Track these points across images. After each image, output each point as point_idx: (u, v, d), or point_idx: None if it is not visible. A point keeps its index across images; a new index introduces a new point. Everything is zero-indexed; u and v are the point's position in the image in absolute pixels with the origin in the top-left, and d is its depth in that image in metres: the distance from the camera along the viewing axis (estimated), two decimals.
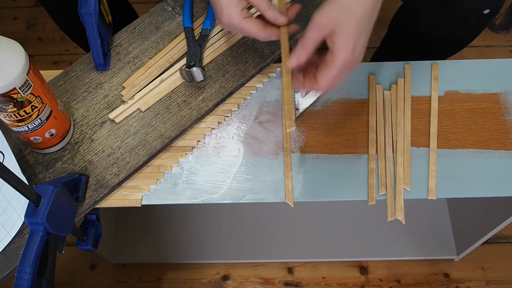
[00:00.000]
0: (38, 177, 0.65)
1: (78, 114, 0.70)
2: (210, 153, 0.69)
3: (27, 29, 1.53)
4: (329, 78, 0.54)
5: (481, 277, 1.13)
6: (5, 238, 0.60)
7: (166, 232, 1.16)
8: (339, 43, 0.53)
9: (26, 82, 0.55)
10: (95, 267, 1.16)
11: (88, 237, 0.66)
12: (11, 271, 0.59)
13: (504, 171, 0.66)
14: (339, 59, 0.53)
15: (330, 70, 0.54)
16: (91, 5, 0.67)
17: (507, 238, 1.17)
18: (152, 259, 1.14)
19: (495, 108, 0.71)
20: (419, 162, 0.68)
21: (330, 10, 0.53)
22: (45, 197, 0.52)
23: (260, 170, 0.67)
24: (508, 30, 1.47)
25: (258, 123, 0.71)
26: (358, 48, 0.53)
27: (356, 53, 0.54)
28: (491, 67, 0.75)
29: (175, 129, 0.68)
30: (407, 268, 1.14)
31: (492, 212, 0.91)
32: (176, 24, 0.77)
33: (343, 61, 0.53)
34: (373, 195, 0.65)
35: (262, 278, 1.14)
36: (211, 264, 1.15)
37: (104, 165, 0.66)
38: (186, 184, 0.66)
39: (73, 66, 0.74)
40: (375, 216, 1.13)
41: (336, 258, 1.13)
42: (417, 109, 0.71)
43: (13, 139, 0.68)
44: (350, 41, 0.53)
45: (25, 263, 0.50)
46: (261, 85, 0.74)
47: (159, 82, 0.72)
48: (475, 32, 0.85)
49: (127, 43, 0.76)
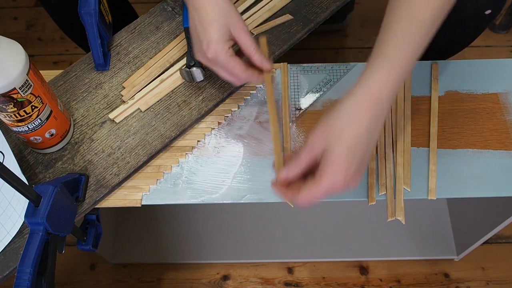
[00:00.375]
0: (38, 177, 0.65)
1: (78, 114, 0.70)
2: (210, 153, 0.69)
3: (27, 29, 1.53)
4: (310, 197, 0.52)
5: (481, 277, 1.12)
6: (5, 238, 0.60)
7: (166, 232, 1.16)
8: (328, 168, 0.51)
9: (26, 82, 0.55)
10: (95, 267, 1.16)
11: (88, 237, 0.66)
12: (11, 271, 0.59)
13: (504, 171, 0.66)
14: (324, 184, 0.50)
15: (314, 190, 0.51)
16: (91, 5, 0.67)
17: (507, 238, 1.17)
18: (152, 259, 1.14)
19: (495, 108, 0.71)
20: (419, 162, 0.68)
21: (322, 131, 0.52)
22: (45, 197, 0.52)
23: (260, 170, 0.67)
24: (508, 30, 1.46)
25: (258, 123, 0.71)
26: (351, 171, 0.50)
27: (349, 177, 0.51)
28: (491, 67, 0.75)
29: (175, 129, 0.68)
30: (407, 268, 1.14)
31: (492, 212, 0.91)
32: (176, 24, 0.77)
33: (328, 186, 0.51)
34: (373, 195, 0.65)
35: (262, 278, 1.14)
36: (211, 264, 1.15)
37: (104, 165, 0.66)
38: (186, 184, 0.66)
39: (73, 66, 0.74)
40: (375, 216, 1.13)
41: (336, 258, 1.13)
42: (417, 109, 0.71)
43: (13, 139, 0.68)
44: (341, 164, 0.50)
45: (25, 263, 0.50)
46: (261, 85, 0.74)
47: (159, 82, 0.72)
48: (476, 32, 0.85)
49: (127, 43, 0.76)
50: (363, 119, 0.51)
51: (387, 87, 0.52)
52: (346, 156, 0.50)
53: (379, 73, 0.52)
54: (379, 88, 0.52)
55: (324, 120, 0.53)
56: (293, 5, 0.78)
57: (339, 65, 0.75)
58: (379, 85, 0.52)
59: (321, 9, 0.77)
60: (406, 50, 0.52)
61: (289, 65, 0.75)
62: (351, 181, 0.51)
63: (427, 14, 0.52)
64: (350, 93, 0.53)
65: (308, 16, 0.77)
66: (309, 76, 0.75)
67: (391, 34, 0.53)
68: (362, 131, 0.51)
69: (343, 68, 0.75)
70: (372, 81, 0.52)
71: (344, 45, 1.46)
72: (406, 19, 0.52)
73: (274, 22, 0.76)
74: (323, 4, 0.78)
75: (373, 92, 0.52)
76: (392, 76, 0.52)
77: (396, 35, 0.52)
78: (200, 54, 0.62)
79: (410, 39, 0.52)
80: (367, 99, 0.52)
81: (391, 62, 0.52)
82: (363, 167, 0.53)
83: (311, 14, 0.77)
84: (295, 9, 0.78)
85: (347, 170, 0.50)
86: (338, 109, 0.52)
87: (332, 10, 0.77)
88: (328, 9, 0.77)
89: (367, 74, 0.53)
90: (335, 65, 0.75)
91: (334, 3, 0.78)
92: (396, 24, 0.52)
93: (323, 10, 0.77)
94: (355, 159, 0.51)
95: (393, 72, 0.52)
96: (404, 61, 0.52)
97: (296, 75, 0.75)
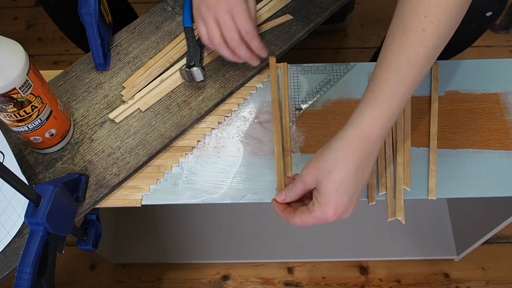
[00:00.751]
0: (38, 177, 0.65)
1: (78, 114, 0.70)
2: (210, 153, 0.69)
3: (27, 29, 1.53)
4: (303, 221, 0.57)
5: (481, 277, 1.13)
6: (5, 238, 0.60)
7: (166, 232, 1.16)
8: (320, 201, 0.55)
9: (26, 82, 0.55)
10: (95, 267, 1.16)
11: (88, 237, 0.65)
12: (11, 271, 0.59)
13: (504, 171, 0.66)
14: (315, 215, 0.55)
15: (306, 216, 0.56)
16: (91, 5, 0.67)
17: (507, 238, 1.17)
18: (152, 259, 1.14)
19: (495, 108, 0.71)
20: (419, 162, 0.68)
21: (313, 169, 0.55)
22: (45, 197, 0.52)
23: (260, 170, 0.67)
24: (508, 30, 1.47)
25: (258, 123, 0.71)
26: (340, 208, 0.54)
27: (339, 213, 0.55)
28: (491, 67, 0.75)
29: (175, 129, 0.68)
30: (407, 268, 1.14)
31: (492, 212, 0.91)
32: (176, 24, 0.77)
33: (318, 217, 0.55)
34: (373, 195, 0.65)
35: (262, 278, 1.14)
36: (211, 264, 1.15)
37: (104, 165, 0.66)
38: (186, 184, 0.66)
39: (73, 66, 0.74)
40: (375, 216, 1.13)
41: (336, 258, 1.13)
42: (417, 109, 0.71)
43: (13, 139, 0.68)
44: (331, 202, 0.54)
45: (25, 263, 0.50)
46: (261, 85, 0.74)
47: (159, 82, 0.72)
48: (477, 33, 0.85)
49: (127, 43, 0.76)
50: (350, 161, 0.53)
51: (376, 127, 0.53)
52: (335, 195, 0.53)
53: (368, 112, 0.53)
54: (369, 129, 0.53)
55: (316, 157, 0.55)
56: (293, 5, 0.78)
57: (339, 65, 0.75)
58: (369, 126, 0.53)
59: (321, 9, 0.77)
60: (398, 89, 0.53)
61: (289, 65, 0.75)
62: (342, 214, 0.55)
63: (420, 53, 0.52)
64: (342, 131, 0.55)
65: (308, 16, 0.77)
66: (309, 76, 0.75)
67: (383, 73, 0.53)
68: (350, 172, 0.53)
69: (343, 68, 0.75)
70: (362, 120, 0.53)
71: (344, 45, 1.46)
72: (398, 59, 0.52)
73: (274, 22, 0.76)
74: (323, 4, 0.78)
75: (362, 132, 0.53)
76: (382, 115, 0.53)
77: (388, 74, 0.53)
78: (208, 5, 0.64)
79: (402, 79, 0.52)
80: (355, 140, 0.53)
81: (382, 102, 0.53)
82: (355, 202, 0.56)
83: (311, 14, 0.77)
84: (295, 9, 0.78)
85: (336, 207, 0.54)
86: (329, 148, 0.54)
87: (332, 10, 0.78)
88: (328, 9, 0.77)
89: (358, 112, 0.54)
90: (335, 65, 0.75)
91: (334, 3, 0.78)
92: (388, 64, 0.53)
93: (323, 10, 0.77)
94: (345, 197, 0.54)
95: (383, 112, 0.53)
96: (396, 99, 0.53)
97: (296, 75, 0.75)
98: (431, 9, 0.51)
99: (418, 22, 0.52)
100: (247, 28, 0.65)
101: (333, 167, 0.53)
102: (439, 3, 0.51)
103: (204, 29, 0.66)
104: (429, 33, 0.52)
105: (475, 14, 0.77)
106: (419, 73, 0.53)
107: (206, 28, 0.66)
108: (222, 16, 0.64)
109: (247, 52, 0.67)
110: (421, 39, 0.52)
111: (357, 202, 0.56)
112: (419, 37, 0.52)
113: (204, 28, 0.66)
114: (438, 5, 0.51)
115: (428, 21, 0.51)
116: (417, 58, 0.52)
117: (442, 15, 0.51)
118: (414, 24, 0.52)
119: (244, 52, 0.66)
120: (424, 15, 0.51)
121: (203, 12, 0.65)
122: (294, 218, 0.57)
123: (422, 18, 0.51)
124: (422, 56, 0.52)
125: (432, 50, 0.52)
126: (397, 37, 0.53)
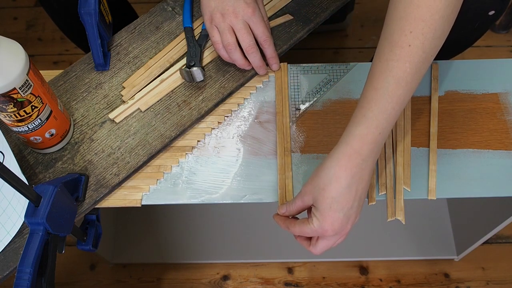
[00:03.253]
0: (38, 177, 0.65)
1: (78, 114, 0.70)
2: (210, 153, 0.69)
3: (27, 29, 1.53)
4: (301, 231, 0.59)
5: (481, 277, 1.13)
6: (5, 238, 0.60)
7: (166, 232, 1.16)
8: (317, 217, 0.56)
9: (26, 82, 0.55)
10: (95, 267, 1.16)
11: (88, 237, 0.65)
12: (11, 271, 0.59)
13: (504, 171, 0.66)
14: (313, 227, 0.57)
15: (305, 227, 0.58)
16: (91, 5, 0.67)
17: (507, 238, 1.17)
18: (152, 259, 1.14)
19: (495, 108, 0.71)
20: (419, 162, 0.68)
21: (310, 187, 0.57)
22: (45, 197, 0.52)
23: (260, 170, 0.67)
24: (508, 30, 1.47)
25: (258, 123, 0.71)
26: (337, 224, 0.56)
27: (336, 229, 0.56)
28: (491, 67, 0.75)
29: (175, 129, 0.68)
30: (407, 268, 1.14)
31: (492, 212, 0.91)
32: (176, 24, 0.77)
33: (316, 230, 0.57)
34: (373, 195, 0.65)
35: (262, 278, 1.14)
36: (211, 264, 1.15)
37: (104, 165, 0.66)
38: (186, 184, 0.66)
39: (73, 66, 0.74)
40: (375, 216, 1.13)
41: (336, 258, 1.13)
42: (417, 109, 0.71)
43: (13, 139, 0.68)
44: (327, 219, 0.55)
45: (25, 263, 0.50)
46: (261, 85, 0.74)
47: (159, 82, 0.72)
48: (478, 33, 0.85)
49: (127, 43, 0.76)
50: (342, 177, 0.54)
51: (366, 143, 0.54)
52: (330, 211, 0.55)
53: (358, 129, 0.54)
54: (359, 145, 0.54)
55: (312, 175, 0.58)
56: (293, 5, 0.78)
57: (339, 65, 0.75)
58: (358, 142, 0.54)
59: (321, 9, 0.77)
60: (386, 105, 0.53)
61: (289, 65, 0.75)
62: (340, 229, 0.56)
63: (407, 69, 0.52)
64: (334, 149, 0.56)
65: (308, 16, 0.77)
66: (309, 76, 0.75)
67: (371, 90, 0.54)
68: (342, 188, 0.54)
69: (343, 68, 0.75)
70: (352, 138, 0.55)
71: (344, 45, 1.46)
72: (386, 76, 0.53)
73: (274, 22, 0.76)
74: (323, 4, 0.78)
75: (353, 149, 0.54)
76: (371, 132, 0.54)
77: (377, 91, 0.54)
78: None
79: (389, 95, 0.53)
80: (346, 157, 0.54)
81: (371, 118, 0.54)
82: (353, 216, 0.57)
83: (311, 14, 0.77)
84: (295, 9, 0.78)
85: (332, 223, 0.55)
86: (322, 166, 0.56)
87: (332, 10, 0.77)
88: (328, 9, 0.77)
89: (349, 129, 0.56)
90: (335, 65, 0.75)
91: (334, 3, 0.78)
92: (377, 81, 0.54)
93: (323, 10, 0.77)
94: (339, 212, 0.55)
95: (372, 129, 0.54)
96: (385, 115, 0.54)
97: (296, 75, 0.75)
98: (417, 24, 0.51)
99: (404, 38, 0.52)
100: (265, 36, 0.69)
101: (326, 184, 0.55)
102: (424, 17, 0.51)
103: (218, 35, 0.69)
104: (415, 49, 0.52)
105: (477, 13, 0.77)
106: (406, 88, 0.53)
107: (221, 35, 0.68)
108: (240, 24, 0.67)
109: (260, 60, 0.70)
110: (407, 55, 0.52)
111: (355, 216, 0.57)
112: (405, 53, 0.52)
113: (218, 34, 0.69)
114: (423, 19, 0.51)
115: (413, 37, 0.51)
116: (404, 74, 0.52)
117: (427, 29, 0.51)
118: (400, 40, 0.52)
119: (259, 59, 0.70)
120: (409, 31, 0.51)
121: (217, 19, 0.68)
122: (294, 227, 0.59)
123: (407, 34, 0.52)
124: (409, 72, 0.52)
125: (419, 65, 0.53)
126: (385, 53, 0.53)
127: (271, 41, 0.70)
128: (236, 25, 0.68)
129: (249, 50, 0.69)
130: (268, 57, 0.71)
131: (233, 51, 0.69)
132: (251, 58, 0.70)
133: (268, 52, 0.71)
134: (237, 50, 0.69)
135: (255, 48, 0.69)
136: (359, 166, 0.55)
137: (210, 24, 0.69)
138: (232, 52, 0.69)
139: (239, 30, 0.68)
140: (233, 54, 0.69)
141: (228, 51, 0.69)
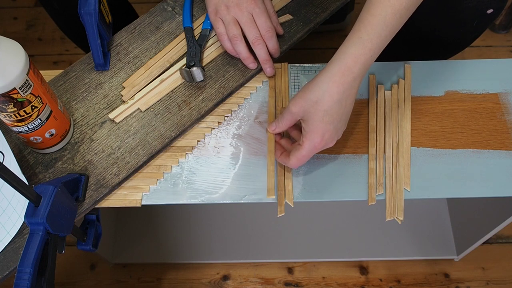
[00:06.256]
0: (38, 177, 0.65)
1: (78, 114, 0.70)
2: (210, 153, 0.69)
3: (27, 29, 1.53)
4: (297, 158, 0.62)
5: (481, 277, 1.13)
6: (5, 238, 0.60)
7: (166, 232, 1.16)
8: (307, 130, 0.60)
9: (26, 82, 0.55)
10: (95, 267, 1.16)
11: (88, 237, 0.65)
12: (11, 271, 0.59)
13: (504, 171, 0.66)
14: (306, 144, 0.60)
15: (299, 151, 0.61)
16: (91, 5, 0.67)
17: (507, 238, 1.17)
18: (152, 259, 1.14)
19: (495, 108, 0.71)
20: (419, 162, 0.68)
21: (300, 100, 0.60)
22: (45, 197, 0.52)
23: (260, 170, 0.67)
24: (508, 30, 1.47)
25: (258, 123, 0.71)
26: (327, 135, 0.60)
27: (326, 139, 0.60)
28: (491, 67, 0.75)
29: (175, 129, 0.68)
30: (407, 268, 1.14)
31: (492, 212, 0.91)
32: (176, 24, 0.77)
33: (309, 146, 0.60)
34: (373, 195, 0.65)
35: (262, 278, 1.14)
36: (211, 264, 1.15)
37: (104, 165, 0.66)
38: (186, 184, 0.66)
39: (73, 66, 0.74)
40: (375, 216, 1.13)
41: (336, 258, 1.13)
42: (417, 109, 0.71)
43: (13, 139, 0.68)
44: (318, 130, 0.59)
45: (25, 263, 0.50)
46: (261, 85, 0.74)
47: (159, 82, 0.72)
48: (477, 32, 0.85)
49: (127, 43, 0.76)
50: (335, 92, 0.58)
51: (359, 63, 0.58)
52: (321, 123, 0.59)
53: (353, 49, 0.58)
54: (352, 63, 0.58)
55: (303, 90, 0.61)
56: (293, 5, 0.78)
57: None
58: (352, 61, 0.58)
59: (321, 9, 0.77)
60: (381, 31, 0.58)
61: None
62: (328, 142, 0.61)
63: (403, 3, 0.57)
64: (327, 66, 0.60)
65: (308, 16, 0.77)
66: (309, 76, 0.75)
67: (369, 16, 0.58)
68: (334, 102, 0.58)
69: None
70: (346, 56, 0.58)
71: None
72: (384, 4, 0.57)
73: None
74: (323, 4, 0.78)
75: (346, 66, 0.58)
76: (365, 53, 0.58)
77: (374, 17, 0.58)
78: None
79: (386, 22, 0.57)
80: (339, 73, 0.58)
81: (366, 40, 0.58)
82: (339, 131, 0.62)
83: (311, 14, 0.77)
84: (295, 9, 0.78)
85: (323, 134, 0.60)
86: (315, 81, 0.60)
87: (332, 10, 0.77)
88: (328, 9, 0.77)
89: (343, 49, 0.59)
90: None
91: (334, 3, 0.78)
92: (375, 8, 0.58)
93: (323, 10, 0.77)
94: (330, 124, 0.59)
95: (366, 50, 0.58)
96: (378, 40, 0.58)
97: (296, 75, 0.75)
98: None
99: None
100: (267, 27, 0.70)
101: (319, 97, 0.58)
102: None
103: (223, 27, 0.71)
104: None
105: (476, 11, 0.77)
106: (398, 21, 0.58)
107: (226, 27, 0.70)
108: (245, 17, 0.69)
109: (267, 53, 0.71)
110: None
111: (341, 131, 0.62)
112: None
113: (223, 26, 0.71)
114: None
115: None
116: (400, 7, 0.57)
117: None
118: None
119: (265, 52, 0.71)
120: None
121: (222, 12, 0.70)
122: (290, 160, 0.62)
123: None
124: (404, 5, 0.57)
125: (412, 2, 0.57)
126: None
127: (273, 33, 0.71)
128: (241, 18, 0.69)
129: (255, 42, 0.70)
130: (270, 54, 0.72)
131: (239, 43, 0.70)
132: (257, 51, 0.70)
133: (270, 44, 0.71)
134: (243, 42, 0.70)
135: (261, 40, 0.70)
136: (350, 83, 0.58)
137: (214, 17, 0.71)
138: (238, 44, 0.70)
139: (245, 22, 0.69)
140: (238, 46, 0.70)
141: (233, 43, 0.70)
